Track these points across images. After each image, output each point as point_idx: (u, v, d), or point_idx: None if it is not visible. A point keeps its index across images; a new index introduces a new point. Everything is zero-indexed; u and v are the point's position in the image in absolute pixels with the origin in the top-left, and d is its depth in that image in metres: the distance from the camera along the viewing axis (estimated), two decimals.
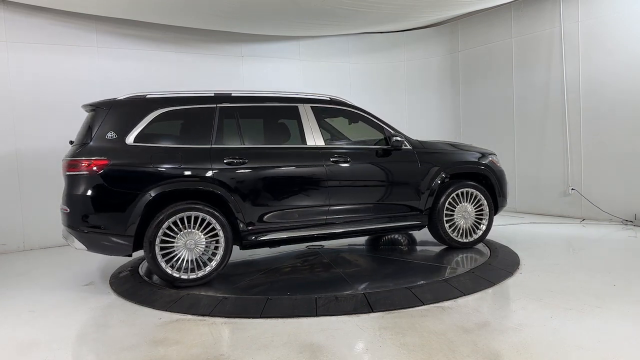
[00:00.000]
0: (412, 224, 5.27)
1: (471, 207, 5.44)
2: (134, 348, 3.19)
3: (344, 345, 3.10)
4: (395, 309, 3.69)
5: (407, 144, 5.25)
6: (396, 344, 3.07)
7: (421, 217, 5.27)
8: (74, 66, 7.02)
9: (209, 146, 4.50)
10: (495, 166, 5.66)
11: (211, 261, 4.42)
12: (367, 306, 3.72)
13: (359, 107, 5.31)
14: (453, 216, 5.36)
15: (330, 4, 6.61)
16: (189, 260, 4.33)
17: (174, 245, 4.30)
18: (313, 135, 4.90)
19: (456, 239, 5.37)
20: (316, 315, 3.64)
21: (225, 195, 4.43)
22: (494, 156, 5.79)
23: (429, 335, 3.19)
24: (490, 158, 5.69)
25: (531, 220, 7.44)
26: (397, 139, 5.12)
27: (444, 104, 9.52)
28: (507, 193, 5.75)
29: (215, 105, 4.67)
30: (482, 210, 5.47)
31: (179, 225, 4.31)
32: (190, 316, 3.76)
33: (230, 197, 4.45)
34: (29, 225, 6.73)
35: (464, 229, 5.40)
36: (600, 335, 3.09)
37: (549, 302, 3.71)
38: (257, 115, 5.03)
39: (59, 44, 6.92)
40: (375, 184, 5.07)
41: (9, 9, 6.58)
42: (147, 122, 4.43)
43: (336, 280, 4.49)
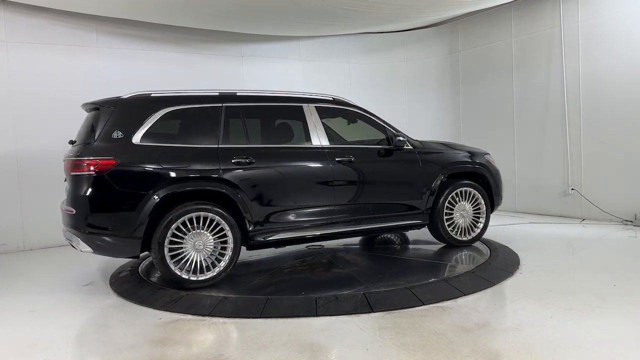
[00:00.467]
0: (414, 223, 5.32)
1: (469, 205, 5.53)
2: (134, 348, 3.19)
3: (344, 345, 3.10)
4: (395, 309, 3.69)
5: (409, 144, 5.29)
6: (396, 344, 3.07)
7: (422, 216, 5.33)
8: (74, 66, 7.01)
9: (216, 146, 4.47)
10: (491, 165, 5.78)
11: (219, 262, 4.36)
12: (367, 306, 3.72)
13: (361, 107, 5.35)
14: (452, 215, 5.43)
15: (330, 4, 6.61)
16: (197, 262, 4.26)
17: (183, 247, 4.24)
18: (318, 135, 4.91)
19: (456, 238, 5.45)
20: (316, 315, 3.64)
21: (233, 196, 4.39)
22: (489, 155, 5.89)
23: (429, 335, 3.19)
24: (486, 157, 5.80)
25: (531, 220, 7.44)
26: (400, 138, 5.17)
27: (444, 104, 9.52)
28: (502, 191, 5.85)
29: (221, 105, 4.63)
30: (479, 208, 5.56)
31: (188, 226, 4.24)
32: (190, 316, 3.76)
33: (238, 197, 4.41)
34: (29, 225, 6.73)
35: (462, 227, 5.49)
36: (600, 335, 3.09)
37: (549, 302, 3.71)
38: (262, 114, 5.00)
39: (59, 44, 6.92)
40: (379, 183, 5.11)
41: (9, 9, 6.58)
42: (153, 121, 4.36)
43: (337, 280, 4.49)
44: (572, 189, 7.44)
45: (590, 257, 5.16)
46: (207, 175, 4.34)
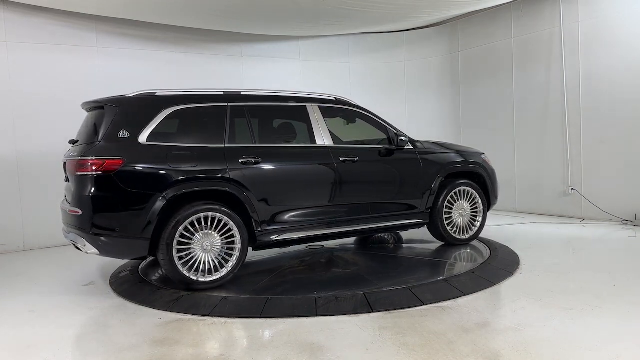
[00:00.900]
0: (415, 222, 5.37)
1: (467, 204, 5.61)
2: (134, 348, 3.19)
3: (344, 345, 3.10)
4: (395, 309, 3.69)
5: (410, 144, 5.32)
6: (396, 344, 3.07)
7: (423, 215, 5.38)
8: (74, 66, 7.01)
9: (223, 145, 4.44)
10: (487, 165, 5.87)
11: (227, 262, 4.32)
12: (367, 306, 3.72)
13: (363, 107, 5.37)
14: (451, 214, 5.51)
15: (330, 4, 6.61)
16: (204, 262, 4.22)
17: (191, 247, 4.19)
18: (322, 135, 4.91)
19: (455, 236, 5.54)
20: (316, 315, 3.64)
21: (241, 196, 4.36)
22: (485, 155, 5.98)
23: (429, 335, 3.19)
24: (482, 157, 5.89)
25: (531, 220, 7.44)
26: (402, 138, 5.20)
27: (443, 104, 9.51)
28: (497, 190, 5.95)
29: (226, 104, 4.61)
30: (476, 207, 5.67)
31: (196, 226, 4.19)
32: (190, 316, 3.76)
33: (246, 197, 4.38)
34: (29, 225, 6.73)
35: (461, 226, 5.57)
36: (601, 335, 3.09)
37: (549, 302, 3.71)
38: (267, 114, 4.97)
39: (59, 44, 6.92)
40: (382, 183, 5.15)
41: (9, 9, 6.58)
42: (159, 120, 4.30)
43: (337, 280, 4.50)
44: (572, 189, 7.44)
45: (590, 257, 5.16)
46: (214, 175, 4.31)
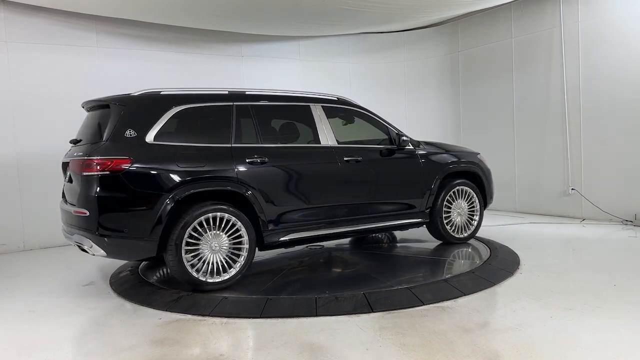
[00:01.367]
0: (416, 221, 5.41)
1: (465, 203, 5.68)
2: (134, 348, 3.19)
3: (344, 345, 3.10)
4: (395, 309, 3.69)
5: (410, 144, 5.35)
6: (396, 344, 3.07)
7: (423, 214, 5.42)
8: (74, 66, 7.01)
9: (230, 145, 4.41)
10: (483, 164, 5.94)
11: (235, 262, 4.29)
12: (367, 306, 3.72)
13: (364, 107, 5.39)
14: (450, 213, 5.56)
15: (330, 4, 6.61)
16: (211, 263, 4.18)
17: (199, 248, 4.15)
18: (326, 135, 4.92)
19: (453, 235, 5.60)
20: (316, 315, 3.64)
21: (249, 196, 4.34)
22: (480, 155, 6.06)
23: (429, 335, 3.19)
24: (478, 157, 5.97)
25: (531, 220, 7.44)
26: (404, 138, 5.25)
27: (443, 104, 9.51)
28: (493, 189, 6.02)
29: (231, 104, 4.58)
30: (473, 206, 5.75)
31: (204, 226, 4.15)
32: (190, 316, 3.76)
33: (253, 197, 4.36)
34: (29, 225, 6.73)
35: (459, 225, 5.63)
36: (600, 335, 3.09)
37: (549, 302, 3.71)
38: (271, 113, 4.95)
39: (59, 44, 6.92)
40: (386, 183, 5.17)
41: (9, 9, 6.58)
42: (166, 119, 4.24)
43: (338, 279, 4.51)
44: (572, 189, 7.43)
45: (590, 257, 5.16)
46: (222, 175, 4.28)
